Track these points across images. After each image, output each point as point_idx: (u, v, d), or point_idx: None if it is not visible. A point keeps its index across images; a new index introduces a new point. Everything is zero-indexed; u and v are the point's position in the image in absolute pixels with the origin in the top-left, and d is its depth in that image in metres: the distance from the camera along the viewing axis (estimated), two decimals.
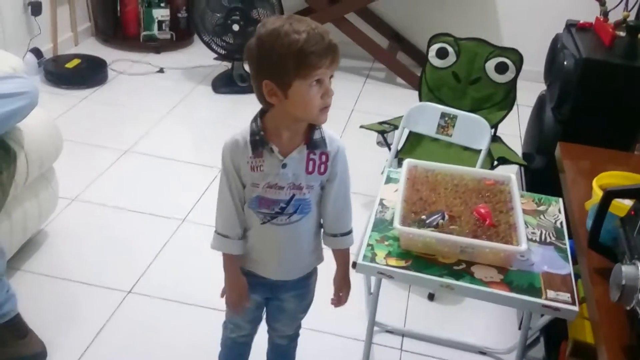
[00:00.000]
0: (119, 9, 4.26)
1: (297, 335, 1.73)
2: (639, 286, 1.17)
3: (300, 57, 1.23)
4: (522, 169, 2.55)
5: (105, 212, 2.61)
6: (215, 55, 3.84)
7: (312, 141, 1.37)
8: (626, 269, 1.19)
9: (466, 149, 2.49)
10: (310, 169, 1.38)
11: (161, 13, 4.20)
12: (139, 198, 2.71)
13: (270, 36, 1.25)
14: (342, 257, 1.54)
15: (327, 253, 1.56)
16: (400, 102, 3.53)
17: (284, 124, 1.34)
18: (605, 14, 2.39)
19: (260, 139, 1.34)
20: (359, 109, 3.70)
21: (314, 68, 1.25)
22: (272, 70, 1.26)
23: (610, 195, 1.39)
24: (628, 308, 1.19)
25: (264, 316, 1.67)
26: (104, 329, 2.05)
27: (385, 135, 2.60)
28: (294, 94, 1.27)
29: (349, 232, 1.51)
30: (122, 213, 2.62)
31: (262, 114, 1.37)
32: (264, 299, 1.58)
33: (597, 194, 1.50)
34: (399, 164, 2.45)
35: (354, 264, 1.55)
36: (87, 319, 2.08)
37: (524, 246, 1.43)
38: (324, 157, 1.38)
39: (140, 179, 2.88)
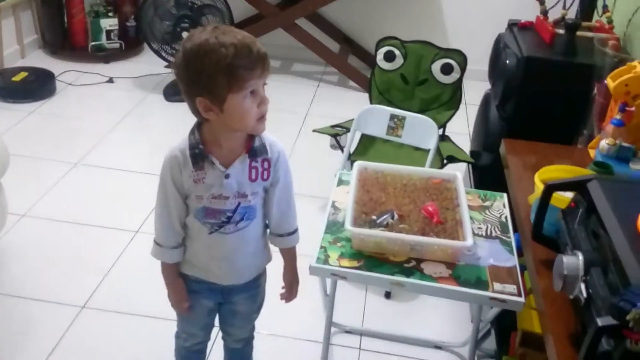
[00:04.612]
0: (65, 20, 4.19)
1: (252, 337, 1.73)
2: (580, 275, 1.21)
3: (231, 71, 1.23)
4: (470, 166, 2.61)
5: (56, 227, 2.57)
6: (166, 63, 3.81)
7: (253, 149, 1.37)
8: (567, 260, 1.23)
9: (417, 149, 2.54)
10: (253, 176, 1.38)
11: (109, 22, 4.14)
12: (90, 211, 2.67)
13: (198, 53, 1.24)
14: (289, 254, 1.57)
15: (276, 255, 1.58)
16: (353, 104, 3.55)
17: (222, 135, 1.34)
18: (544, 12, 2.46)
19: (199, 152, 1.34)
20: (313, 113, 3.72)
21: (245, 80, 1.24)
22: (204, 87, 1.25)
23: (550, 188, 1.43)
24: (571, 297, 1.23)
25: (217, 322, 1.66)
26: (58, 345, 2.01)
27: (338, 138, 2.63)
28: (229, 107, 1.27)
29: (295, 231, 1.53)
30: (73, 227, 2.58)
31: (199, 125, 1.36)
32: (216, 304, 1.58)
33: (539, 188, 1.55)
34: (352, 166, 2.48)
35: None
36: (41, 336, 2.04)
37: (469, 241, 1.47)
38: (266, 164, 1.39)
39: (91, 191, 2.84)
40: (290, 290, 1.61)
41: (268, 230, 1.52)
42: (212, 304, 1.57)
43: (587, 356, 1.06)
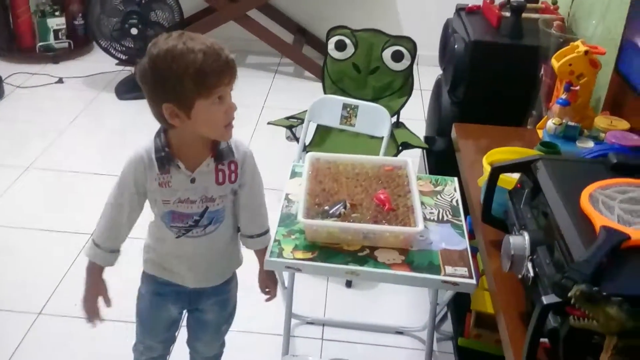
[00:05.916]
0: (11, 20, 4.08)
1: (221, 353, 1.69)
2: (527, 255, 1.23)
3: (200, 77, 1.20)
4: (425, 152, 2.63)
5: (8, 233, 2.50)
6: (117, 61, 3.74)
7: (219, 152, 1.35)
8: (514, 240, 1.25)
9: (372, 137, 2.54)
10: (220, 179, 1.37)
11: (56, 22, 4.06)
12: (44, 215, 2.62)
13: (165, 58, 1.21)
14: (263, 255, 1.53)
15: (246, 257, 1.56)
16: (310, 95, 3.50)
17: (189, 140, 1.32)
18: None
19: (165, 156, 1.32)
20: (269, 105, 3.70)
21: (214, 86, 1.23)
22: (171, 93, 1.22)
23: (496, 170, 1.45)
24: (519, 276, 1.25)
25: (185, 337, 1.64)
26: (15, 354, 1.96)
27: (293, 129, 2.61)
28: (197, 114, 1.24)
29: (266, 232, 1.51)
30: (27, 233, 2.52)
31: (165, 128, 1.34)
32: (179, 313, 1.55)
33: (487, 170, 1.57)
34: None
35: None
36: None
37: (420, 226, 1.47)
38: (233, 166, 1.37)
39: (44, 195, 2.78)
40: (268, 291, 1.58)
41: (239, 234, 1.50)
42: (177, 312, 1.54)
43: (535, 334, 1.08)
